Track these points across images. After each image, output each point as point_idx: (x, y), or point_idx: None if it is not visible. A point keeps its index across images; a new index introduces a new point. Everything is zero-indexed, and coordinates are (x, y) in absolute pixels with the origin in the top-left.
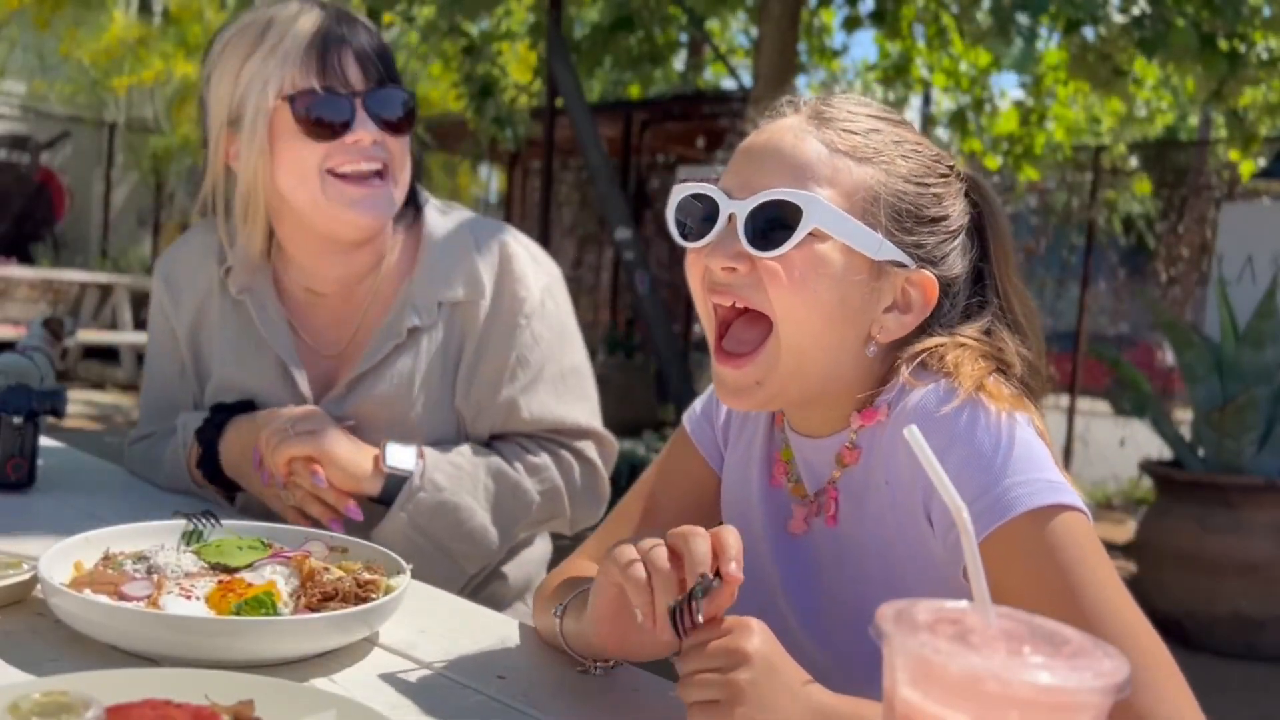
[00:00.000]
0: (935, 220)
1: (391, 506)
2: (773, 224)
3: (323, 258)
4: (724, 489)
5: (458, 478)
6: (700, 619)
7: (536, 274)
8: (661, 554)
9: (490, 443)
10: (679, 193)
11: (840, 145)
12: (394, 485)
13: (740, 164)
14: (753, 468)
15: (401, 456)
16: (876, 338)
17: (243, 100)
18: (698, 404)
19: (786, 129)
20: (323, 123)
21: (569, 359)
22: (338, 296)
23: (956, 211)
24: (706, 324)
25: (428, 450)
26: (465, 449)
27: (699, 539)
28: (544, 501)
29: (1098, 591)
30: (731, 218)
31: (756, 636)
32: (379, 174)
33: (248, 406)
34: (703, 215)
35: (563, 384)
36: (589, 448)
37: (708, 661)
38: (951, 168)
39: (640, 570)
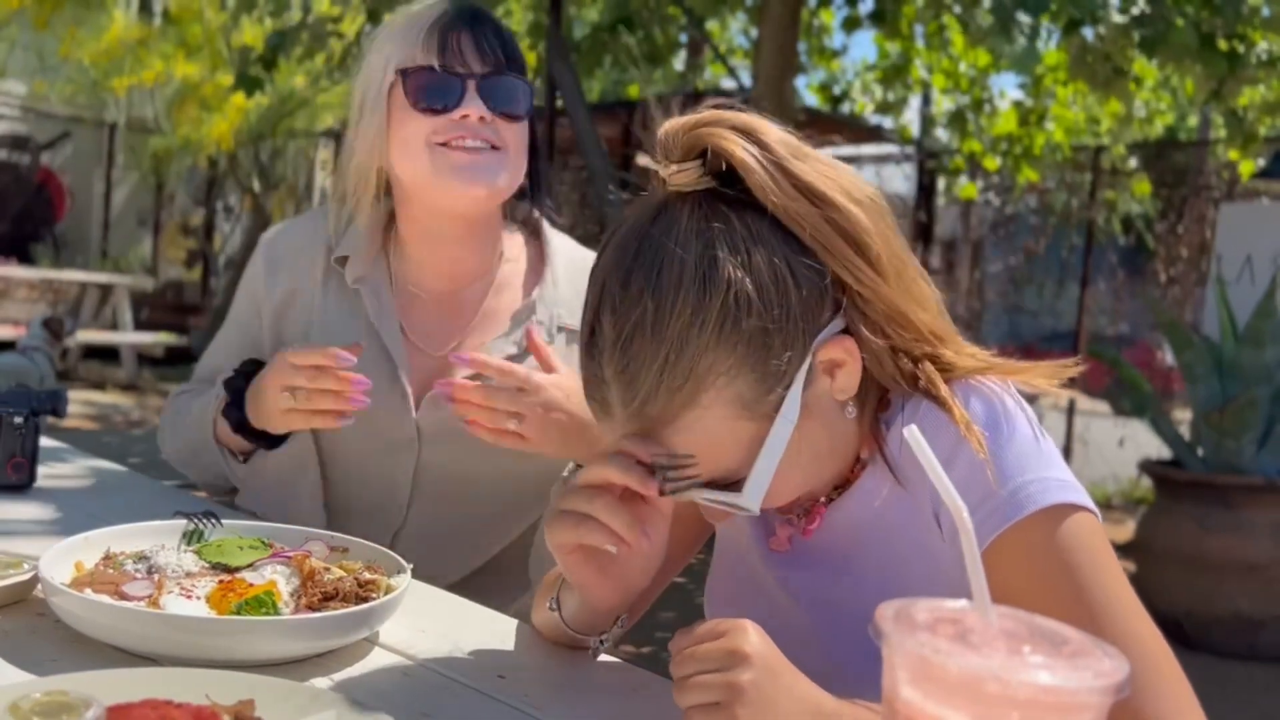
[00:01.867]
0: (783, 312)
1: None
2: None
3: (435, 247)
4: None
5: None
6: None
7: None
8: (587, 493)
9: None
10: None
11: (679, 419)
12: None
13: None
14: None
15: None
16: (844, 401)
17: (368, 81)
18: None
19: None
20: (434, 97)
21: None
22: (444, 295)
23: (766, 266)
24: None
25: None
26: None
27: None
28: None
29: (1106, 594)
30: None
31: (753, 636)
32: (492, 147)
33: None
34: None
35: None
36: None
37: (704, 664)
38: (716, 260)
39: (583, 510)
